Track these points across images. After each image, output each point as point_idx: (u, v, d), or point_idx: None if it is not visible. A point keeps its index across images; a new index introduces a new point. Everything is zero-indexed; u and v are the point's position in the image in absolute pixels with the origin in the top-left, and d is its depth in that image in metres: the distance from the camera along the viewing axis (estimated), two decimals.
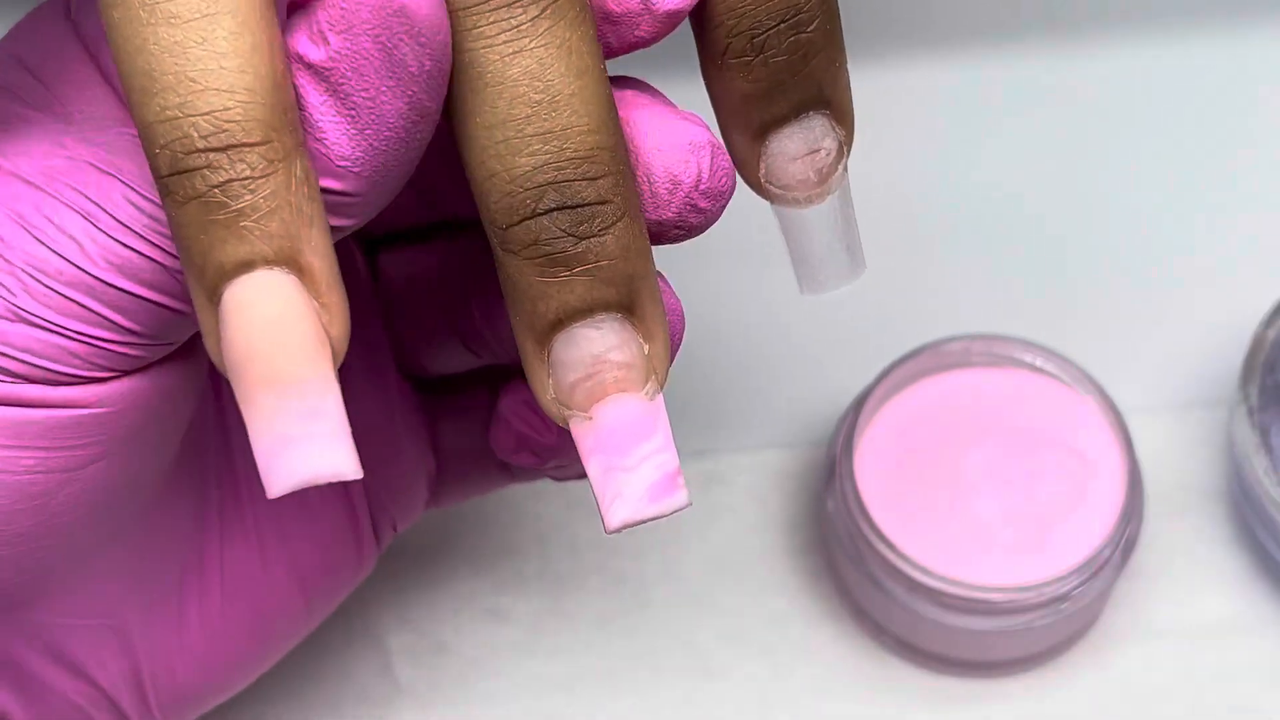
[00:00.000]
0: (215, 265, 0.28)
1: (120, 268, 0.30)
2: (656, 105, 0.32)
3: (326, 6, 0.28)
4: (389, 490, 0.40)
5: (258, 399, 0.28)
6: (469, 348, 0.39)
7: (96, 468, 0.32)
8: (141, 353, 0.31)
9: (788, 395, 0.51)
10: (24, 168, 0.31)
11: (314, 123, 0.29)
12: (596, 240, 0.29)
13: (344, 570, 0.40)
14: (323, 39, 0.28)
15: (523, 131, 0.29)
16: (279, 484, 0.28)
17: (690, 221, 0.32)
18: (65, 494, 0.32)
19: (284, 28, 0.29)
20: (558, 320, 0.30)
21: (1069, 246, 0.53)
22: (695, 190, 0.31)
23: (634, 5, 0.31)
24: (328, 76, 0.28)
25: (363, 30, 0.28)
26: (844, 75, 0.32)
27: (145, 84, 0.27)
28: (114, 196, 0.30)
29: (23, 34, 0.35)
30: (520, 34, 0.29)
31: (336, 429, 0.28)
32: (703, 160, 0.31)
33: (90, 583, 0.35)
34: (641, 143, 0.31)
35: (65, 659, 0.36)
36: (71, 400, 0.31)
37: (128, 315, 0.31)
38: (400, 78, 0.28)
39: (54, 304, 0.30)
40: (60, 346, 0.31)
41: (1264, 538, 0.47)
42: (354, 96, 0.28)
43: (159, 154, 0.27)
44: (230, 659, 0.39)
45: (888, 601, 0.46)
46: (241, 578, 0.38)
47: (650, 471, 0.30)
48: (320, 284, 0.28)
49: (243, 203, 0.27)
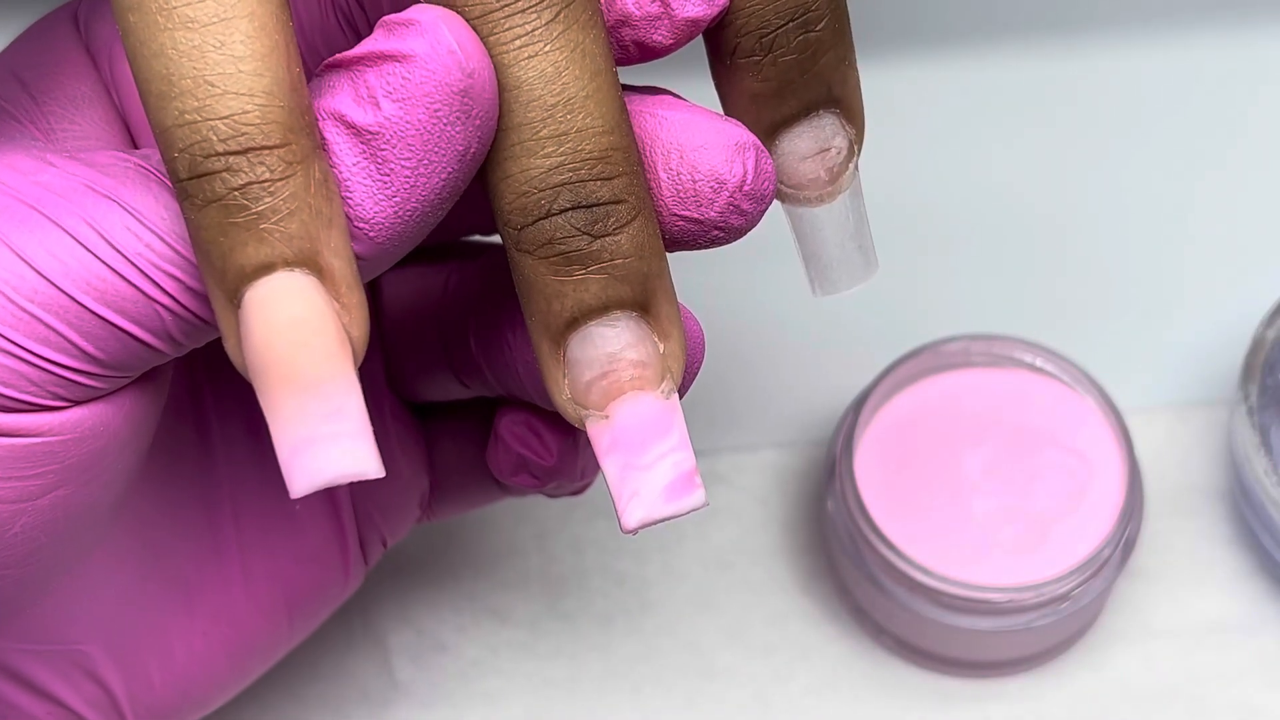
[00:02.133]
0: (235, 268, 0.28)
1: (103, 294, 0.30)
2: (695, 106, 0.32)
3: (383, 71, 0.28)
4: (380, 508, 0.40)
5: (280, 400, 0.28)
6: (461, 380, 0.39)
7: (53, 497, 0.32)
8: (98, 384, 0.31)
9: (788, 395, 0.51)
10: (11, 180, 0.31)
11: (343, 180, 0.28)
12: (611, 239, 0.29)
13: (329, 589, 0.40)
14: (373, 102, 0.28)
15: (538, 134, 0.29)
16: (302, 484, 0.28)
17: (732, 223, 0.31)
18: (21, 524, 0.32)
19: (308, 74, 0.29)
20: (573, 319, 0.30)
21: (1069, 246, 0.53)
22: (739, 191, 0.31)
23: (653, 9, 0.31)
24: (370, 140, 0.28)
25: (421, 102, 0.28)
26: (854, 74, 0.32)
27: (163, 88, 0.27)
28: (112, 222, 0.30)
29: (25, 43, 0.35)
30: (535, 38, 0.29)
31: (359, 428, 0.28)
32: (748, 161, 0.31)
33: (53, 611, 0.35)
34: (687, 142, 0.31)
35: (28, 682, 0.36)
36: (22, 429, 0.31)
37: (96, 343, 0.30)
38: (447, 155, 0.28)
39: (21, 325, 0.30)
40: (15, 370, 0.30)
41: (1264, 538, 0.47)
42: (393, 164, 0.28)
43: (177, 158, 0.27)
44: (210, 678, 0.38)
45: (888, 601, 0.46)
46: (223, 596, 0.38)
47: (667, 470, 0.30)
48: (340, 285, 0.28)
49: (262, 205, 0.27)
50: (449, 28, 0.28)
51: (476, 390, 0.39)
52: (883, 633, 0.47)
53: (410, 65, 0.28)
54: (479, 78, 0.28)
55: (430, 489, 0.41)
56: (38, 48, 0.35)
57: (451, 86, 0.28)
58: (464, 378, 0.38)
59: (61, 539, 0.33)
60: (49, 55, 0.35)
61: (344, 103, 0.28)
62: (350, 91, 0.28)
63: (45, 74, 0.34)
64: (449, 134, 0.28)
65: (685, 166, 0.31)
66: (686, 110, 0.31)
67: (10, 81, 0.34)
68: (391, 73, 0.28)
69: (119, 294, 0.30)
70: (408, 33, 0.28)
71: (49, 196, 0.30)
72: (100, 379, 0.31)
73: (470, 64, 0.28)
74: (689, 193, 0.31)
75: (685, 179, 0.31)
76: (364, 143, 0.28)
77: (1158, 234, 0.53)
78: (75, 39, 0.35)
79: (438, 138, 0.28)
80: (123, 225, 0.30)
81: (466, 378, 0.38)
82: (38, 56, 0.35)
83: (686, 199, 0.31)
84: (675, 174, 0.31)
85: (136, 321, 0.30)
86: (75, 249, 0.30)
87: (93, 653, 0.36)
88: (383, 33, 0.28)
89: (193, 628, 0.38)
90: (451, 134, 0.28)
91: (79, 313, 0.30)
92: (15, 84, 0.34)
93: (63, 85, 0.34)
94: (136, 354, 0.31)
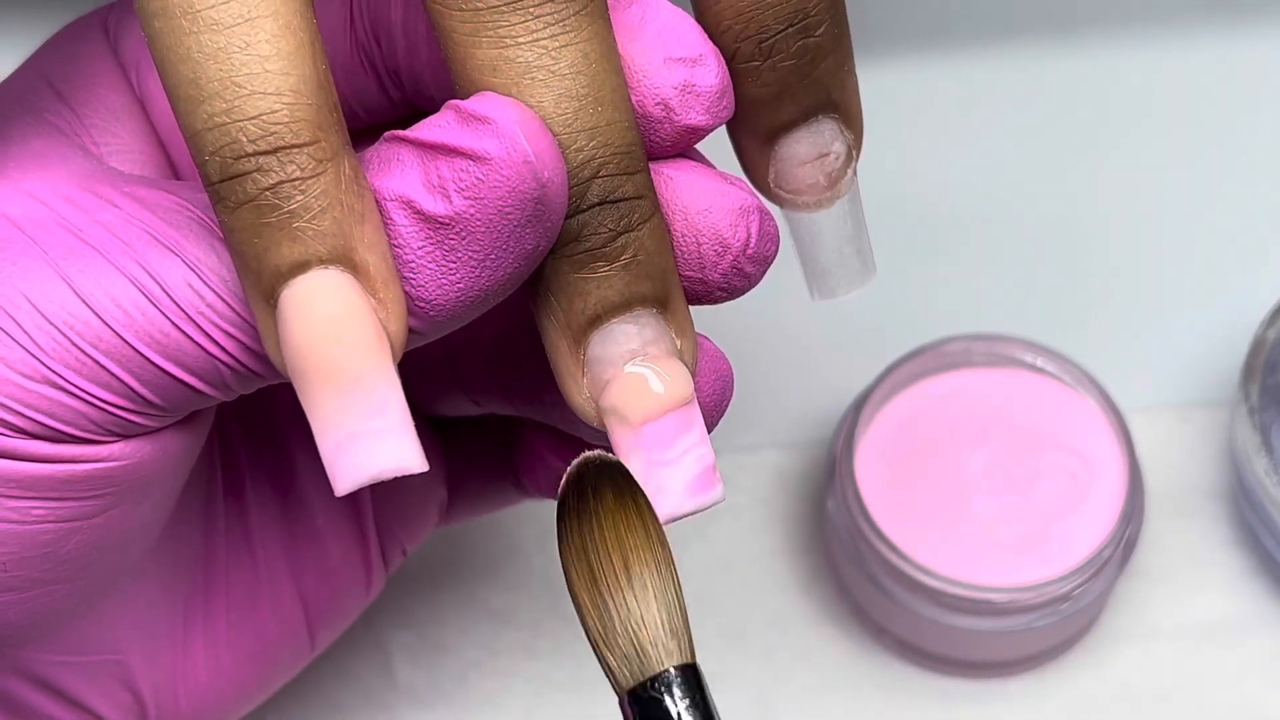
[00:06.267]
0: (271, 268, 0.28)
1: (164, 348, 0.30)
2: (704, 168, 0.31)
3: (456, 166, 0.28)
4: (399, 518, 0.40)
5: (320, 397, 0.28)
6: (473, 400, 0.38)
7: (106, 517, 0.32)
8: (152, 423, 0.31)
9: (788, 395, 0.51)
10: (74, 218, 0.31)
11: (406, 260, 0.28)
12: (635, 234, 0.29)
13: (350, 599, 0.40)
14: (444, 194, 0.28)
15: (570, 126, 0.29)
16: (346, 480, 0.28)
17: (735, 285, 0.31)
18: (74, 542, 0.32)
19: (360, 155, 0.28)
20: (596, 316, 0.30)
21: (1069, 246, 0.53)
22: (743, 255, 0.31)
23: (655, 111, 0.30)
24: (439, 229, 0.28)
25: (494, 205, 0.28)
26: (852, 79, 0.32)
27: (191, 92, 0.27)
28: (174, 276, 0.30)
29: (55, 52, 0.35)
30: (565, 28, 0.28)
31: (400, 423, 0.28)
32: (752, 225, 0.31)
33: (94, 622, 0.35)
34: (690, 204, 0.31)
35: (62, 692, 0.36)
36: (81, 456, 0.31)
37: (153, 389, 0.30)
38: (514, 253, 0.28)
39: (83, 369, 0.30)
40: (76, 410, 0.30)
41: (1264, 538, 0.47)
42: (460, 254, 0.28)
43: (208, 161, 0.27)
44: (234, 689, 0.38)
45: (888, 601, 0.46)
46: (247, 609, 0.38)
47: (692, 464, 0.30)
48: (376, 280, 0.28)
49: (295, 204, 0.27)
50: (526, 133, 0.28)
51: (489, 409, 0.38)
52: (883, 633, 0.47)
53: (485, 168, 0.28)
54: (553, 186, 0.28)
55: (448, 496, 0.41)
56: (70, 58, 0.35)
57: (525, 194, 0.28)
58: (475, 398, 0.38)
59: (110, 556, 0.33)
60: (83, 66, 0.34)
61: (414, 188, 0.28)
62: (421, 177, 0.28)
63: (82, 86, 0.34)
64: (518, 235, 0.28)
65: (689, 229, 0.31)
66: (692, 171, 0.31)
67: (47, 93, 0.34)
68: (465, 169, 0.28)
69: (179, 348, 0.30)
70: (484, 131, 0.28)
71: (112, 241, 0.30)
72: (154, 418, 0.31)
73: (545, 173, 0.28)
74: (693, 255, 0.31)
75: (689, 241, 0.31)
76: (432, 230, 0.28)
77: (1158, 234, 0.53)
78: (107, 50, 0.35)
79: (507, 238, 0.28)
80: (184, 281, 0.30)
81: (478, 398, 0.38)
82: (71, 67, 0.34)
83: (690, 261, 0.31)
84: (679, 236, 0.31)
85: (195, 374, 0.30)
86: (138, 299, 0.30)
87: (129, 662, 0.36)
88: (455, 119, 0.28)
89: (216, 640, 0.38)
90: (521, 235, 0.28)
91: (140, 362, 0.30)
92: (53, 95, 0.34)
93: (101, 98, 0.34)
94: (191, 399, 0.31)
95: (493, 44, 0.28)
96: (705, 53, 0.30)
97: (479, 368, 0.37)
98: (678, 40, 0.30)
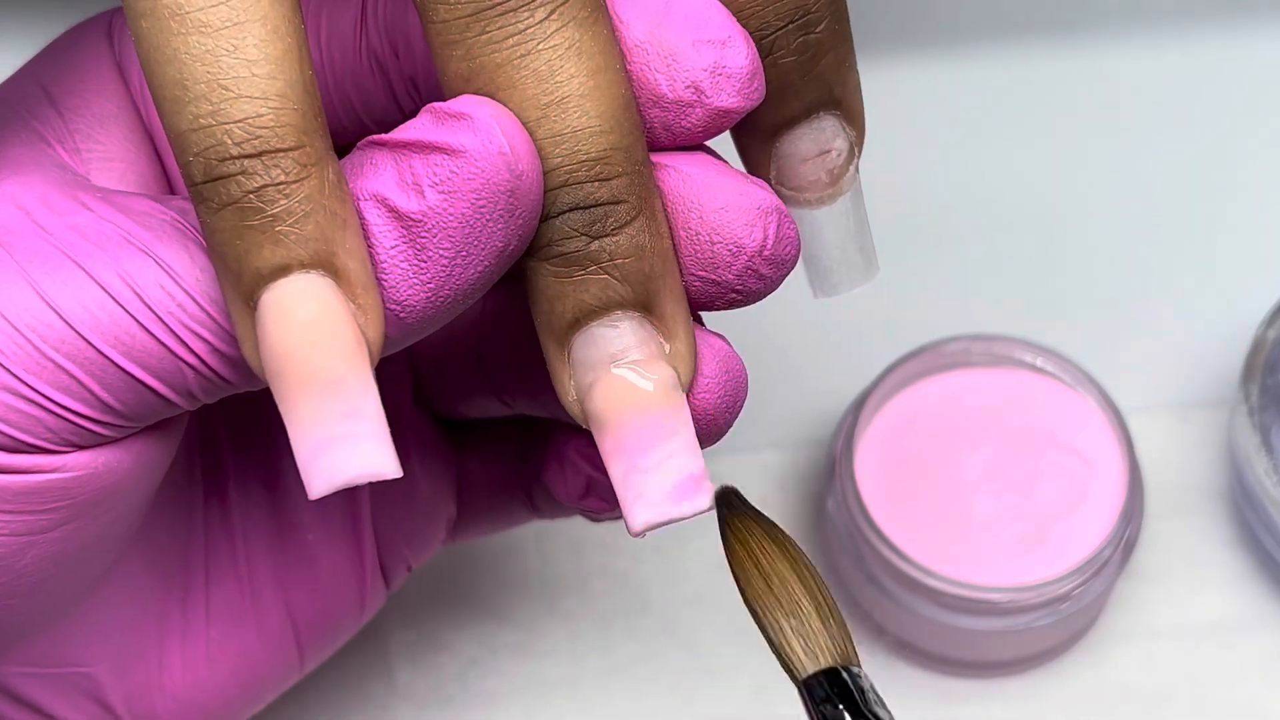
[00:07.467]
0: (252, 271, 0.28)
1: (129, 349, 0.30)
2: (724, 166, 0.31)
3: (430, 161, 0.28)
4: (401, 532, 0.40)
5: (297, 400, 0.28)
6: (502, 400, 0.38)
7: (63, 530, 0.32)
8: (111, 432, 0.31)
9: (788, 395, 0.51)
10: (45, 221, 0.31)
11: (379, 261, 0.28)
12: (610, 240, 0.29)
13: (344, 618, 0.39)
14: (418, 190, 0.28)
15: (534, 135, 0.29)
16: (320, 484, 0.28)
17: (750, 287, 0.31)
18: (31, 555, 0.31)
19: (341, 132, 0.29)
20: (575, 320, 0.30)
21: (1069, 247, 0.53)
22: (759, 256, 0.31)
23: (686, 94, 0.30)
24: (411, 227, 0.28)
25: (466, 197, 0.28)
26: (854, 75, 0.32)
27: (177, 93, 0.27)
28: (145, 277, 0.30)
29: (54, 55, 0.35)
30: (527, 37, 0.28)
31: (376, 429, 0.28)
32: (770, 227, 0.31)
33: (60, 634, 0.35)
34: (707, 202, 0.30)
35: (28, 702, 0.35)
36: (37, 466, 0.31)
37: (115, 395, 0.30)
38: (486, 250, 0.28)
39: (43, 372, 0.30)
40: (32, 416, 0.30)
41: (1264, 538, 0.47)
42: (431, 251, 0.28)
43: (192, 162, 0.27)
44: (215, 706, 0.38)
45: (888, 601, 0.46)
46: (231, 625, 0.38)
47: (672, 472, 0.30)
48: (355, 285, 0.28)
49: (278, 208, 0.27)
50: (501, 127, 0.28)
51: (519, 409, 0.38)
52: (883, 633, 0.47)
53: (459, 160, 0.28)
54: (526, 180, 0.28)
55: (457, 513, 0.41)
56: (67, 61, 0.35)
57: (498, 186, 0.28)
58: (505, 397, 0.38)
59: (70, 570, 0.33)
60: (78, 69, 0.34)
61: (387, 185, 0.28)
62: (394, 175, 0.28)
63: (73, 89, 0.34)
64: (490, 230, 0.28)
65: (704, 228, 0.30)
66: (711, 168, 0.31)
67: (38, 96, 0.34)
68: (439, 164, 0.28)
69: (145, 349, 0.30)
70: (459, 126, 0.28)
71: (82, 243, 0.30)
72: (114, 428, 0.31)
73: (520, 165, 0.28)
74: (706, 255, 0.31)
75: (703, 240, 0.30)
76: (405, 228, 0.28)
77: (1158, 234, 0.53)
78: (107, 52, 0.35)
79: (479, 232, 0.28)
80: (156, 281, 0.30)
81: (508, 397, 0.38)
82: (66, 70, 0.34)
83: (704, 260, 0.31)
84: (694, 234, 0.30)
85: (159, 377, 0.30)
86: (105, 301, 0.30)
87: (97, 675, 0.36)
88: (431, 120, 0.28)
89: (195, 654, 0.37)
90: (493, 230, 0.28)
91: (102, 364, 0.30)
92: (43, 98, 0.34)
93: (90, 102, 0.34)
94: (154, 407, 0.31)
95: (463, 56, 0.29)
96: (734, 34, 0.30)
97: (507, 366, 0.37)
98: (705, 22, 0.30)
